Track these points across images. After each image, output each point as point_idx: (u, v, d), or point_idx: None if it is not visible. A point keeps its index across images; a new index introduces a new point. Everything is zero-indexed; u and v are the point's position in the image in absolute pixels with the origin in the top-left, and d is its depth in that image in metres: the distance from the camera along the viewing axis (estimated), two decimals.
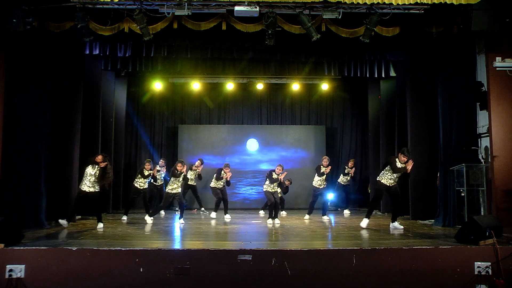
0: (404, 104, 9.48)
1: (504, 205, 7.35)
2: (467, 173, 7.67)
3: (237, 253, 5.47)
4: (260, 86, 12.42)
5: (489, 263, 5.56)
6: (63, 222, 7.61)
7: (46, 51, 8.10)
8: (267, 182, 8.73)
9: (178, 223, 8.45)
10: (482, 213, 7.71)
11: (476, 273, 5.55)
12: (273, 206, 8.61)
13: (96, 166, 7.69)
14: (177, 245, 6.25)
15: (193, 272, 5.40)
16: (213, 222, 8.91)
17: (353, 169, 10.96)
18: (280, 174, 8.67)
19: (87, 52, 8.98)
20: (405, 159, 7.50)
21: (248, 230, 7.70)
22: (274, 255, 5.47)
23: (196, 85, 12.39)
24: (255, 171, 12.34)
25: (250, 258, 5.43)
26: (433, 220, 8.42)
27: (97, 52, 9.02)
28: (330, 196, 11.47)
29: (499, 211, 7.31)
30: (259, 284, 5.40)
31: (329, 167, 9.39)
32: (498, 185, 7.45)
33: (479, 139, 8.10)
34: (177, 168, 8.39)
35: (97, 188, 7.74)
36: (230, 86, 12.45)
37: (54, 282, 5.37)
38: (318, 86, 12.74)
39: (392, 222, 7.78)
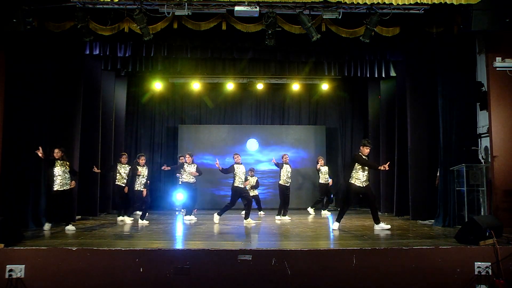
0: (404, 104, 9.48)
1: (504, 205, 7.36)
2: (467, 173, 7.67)
3: (237, 253, 5.47)
4: (260, 86, 12.44)
5: (489, 263, 5.56)
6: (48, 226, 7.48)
7: (46, 51, 8.11)
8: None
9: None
10: (482, 213, 7.70)
11: (476, 273, 5.54)
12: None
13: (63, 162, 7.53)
14: (177, 245, 6.24)
15: (193, 272, 5.39)
16: (213, 222, 8.90)
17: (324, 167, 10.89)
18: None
19: (87, 52, 8.98)
20: (368, 150, 7.41)
21: (248, 230, 7.70)
22: (274, 255, 5.47)
23: (196, 85, 12.40)
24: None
25: (250, 258, 5.43)
26: (433, 220, 8.41)
27: (97, 52, 9.02)
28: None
29: (499, 211, 7.31)
30: (259, 284, 5.40)
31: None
32: (498, 185, 7.45)
33: (479, 139, 8.09)
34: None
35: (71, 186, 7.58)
36: (230, 86, 12.47)
37: (54, 282, 5.37)
38: (318, 86, 12.76)
39: (376, 224, 7.49)
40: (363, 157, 7.41)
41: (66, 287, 5.38)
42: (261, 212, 10.42)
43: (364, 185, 7.39)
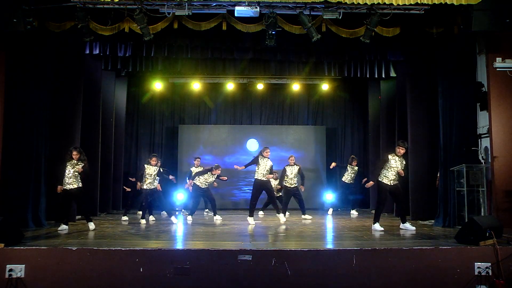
0: (404, 104, 9.47)
1: (504, 205, 7.36)
2: (467, 174, 7.66)
3: (237, 253, 5.47)
4: (260, 86, 12.45)
5: (489, 264, 5.56)
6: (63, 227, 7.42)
7: (46, 51, 8.10)
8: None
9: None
10: (482, 214, 7.70)
11: (476, 273, 5.54)
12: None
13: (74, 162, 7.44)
14: (177, 245, 6.24)
15: (193, 272, 5.39)
16: (213, 222, 8.91)
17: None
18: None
19: (87, 52, 8.99)
20: (403, 151, 7.36)
21: (248, 230, 7.70)
22: (274, 255, 5.47)
23: (196, 85, 12.40)
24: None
25: (250, 258, 5.43)
26: (433, 221, 8.42)
27: (97, 52, 9.03)
28: (330, 196, 11.50)
29: (499, 211, 7.32)
30: (259, 284, 5.40)
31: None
32: (498, 185, 7.45)
33: (479, 140, 8.09)
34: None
35: (79, 185, 7.49)
36: (230, 86, 12.47)
37: (54, 282, 5.37)
38: (318, 86, 12.76)
39: (402, 223, 7.58)
40: (393, 160, 7.35)
41: (66, 287, 5.38)
42: (261, 212, 10.41)
43: (392, 184, 7.37)
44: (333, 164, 10.84)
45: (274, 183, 9.93)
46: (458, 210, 7.89)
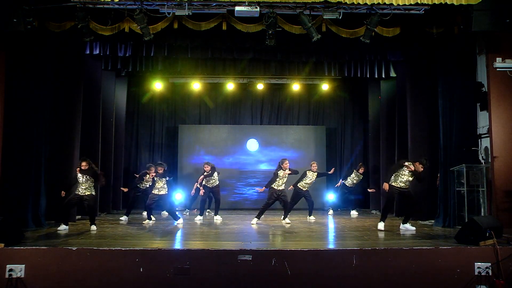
0: (404, 105, 9.48)
1: (504, 205, 7.35)
2: (467, 174, 7.67)
3: (237, 253, 5.47)
4: (260, 86, 12.45)
5: (489, 264, 5.56)
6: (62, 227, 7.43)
7: (46, 51, 8.11)
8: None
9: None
10: (482, 214, 7.70)
11: (476, 273, 5.55)
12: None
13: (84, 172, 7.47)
14: (177, 245, 6.25)
15: (193, 272, 5.40)
16: (213, 222, 8.91)
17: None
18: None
19: (87, 52, 8.99)
20: (422, 169, 7.45)
21: (248, 230, 7.70)
22: (274, 255, 5.47)
23: (196, 85, 12.40)
24: (255, 171, 12.36)
25: (250, 258, 5.43)
26: (433, 221, 8.42)
27: (97, 52, 9.03)
28: (331, 196, 11.49)
29: (499, 211, 7.31)
30: (259, 284, 5.40)
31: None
32: (498, 185, 7.45)
33: (479, 140, 8.08)
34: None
35: (93, 192, 7.62)
36: (230, 86, 12.47)
37: (54, 282, 5.37)
38: (318, 86, 12.76)
39: (403, 223, 7.63)
40: (406, 168, 7.42)
41: (66, 287, 5.38)
42: None
43: (401, 187, 7.45)
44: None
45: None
46: (458, 210, 7.90)
